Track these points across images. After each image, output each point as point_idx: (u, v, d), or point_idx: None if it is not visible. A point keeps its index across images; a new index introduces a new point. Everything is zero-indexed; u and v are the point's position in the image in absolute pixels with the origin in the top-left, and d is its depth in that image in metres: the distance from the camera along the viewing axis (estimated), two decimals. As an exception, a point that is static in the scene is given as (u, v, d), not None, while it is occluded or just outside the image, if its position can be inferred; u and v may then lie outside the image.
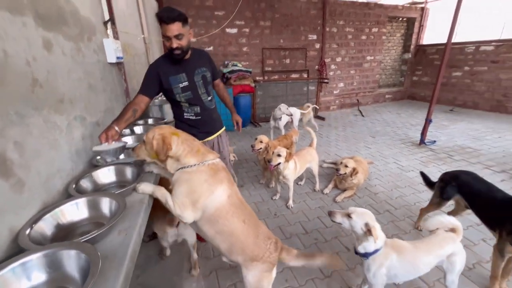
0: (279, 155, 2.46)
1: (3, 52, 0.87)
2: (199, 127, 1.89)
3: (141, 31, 3.32)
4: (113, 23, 2.02)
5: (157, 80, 1.68)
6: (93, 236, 0.81)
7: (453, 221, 1.47)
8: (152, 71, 1.69)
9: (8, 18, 0.92)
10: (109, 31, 1.99)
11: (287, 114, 4.17)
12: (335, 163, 3.61)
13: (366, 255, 1.38)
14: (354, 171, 2.68)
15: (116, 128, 1.36)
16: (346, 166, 2.70)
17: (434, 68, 7.51)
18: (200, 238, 2.30)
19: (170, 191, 1.16)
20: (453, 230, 1.47)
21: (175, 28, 1.48)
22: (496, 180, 3.09)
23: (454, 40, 6.97)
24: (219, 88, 2.12)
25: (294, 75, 6.56)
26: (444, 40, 3.80)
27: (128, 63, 2.55)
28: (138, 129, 2.14)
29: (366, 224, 1.33)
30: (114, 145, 1.30)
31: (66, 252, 0.71)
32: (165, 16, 1.46)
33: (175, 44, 1.53)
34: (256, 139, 2.91)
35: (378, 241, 1.34)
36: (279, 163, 2.48)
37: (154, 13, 4.56)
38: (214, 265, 1.99)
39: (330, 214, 1.47)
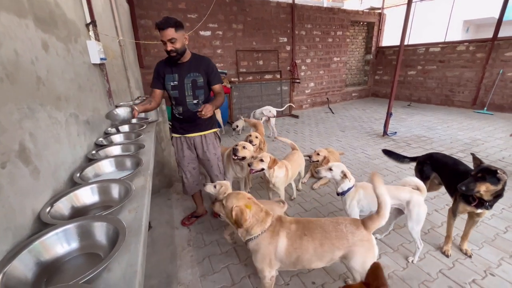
0: (261, 161, 2.23)
1: (14, 52, 0.96)
2: (181, 123, 2.17)
3: (116, 34, 3.32)
4: (95, 26, 2.07)
5: (161, 76, 2.00)
6: (109, 212, 0.93)
7: (416, 181, 1.90)
8: (157, 68, 2.03)
9: (16, 21, 1.00)
10: (91, 33, 2.03)
11: (263, 117, 4.95)
12: (310, 156, 3.89)
13: (343, 193, 1.92)
14: (325, 159, 2.96)
15: (137, 108, 1.74)
16: (318, 154, 2.98)
17: (392, 67, 8.29)
18: (184, 224, 2.46)
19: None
20: (418, 188, 1.89)
21: (168, 33, 1.75)
22: (445, 162, 3.59)
23: (408, 42, 7.82)
24: (215, 92, 2.10)
25: (267, 76, 6.84)
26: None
27: (107, 65, 2.57)
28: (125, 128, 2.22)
29: (342, 171, 1.89)
30: (124, 113, 1.65)
31: (97, 223, 0.83)
32: (160, 23, 1.75)
33: (169, 47, 1.79)
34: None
35: (352, 181, 1.90)
36: (262, 169, 2.23)
37: (127, 15, 4.54)
38: (206, 252, 2.12)
39: (317, 172, 1.98)
